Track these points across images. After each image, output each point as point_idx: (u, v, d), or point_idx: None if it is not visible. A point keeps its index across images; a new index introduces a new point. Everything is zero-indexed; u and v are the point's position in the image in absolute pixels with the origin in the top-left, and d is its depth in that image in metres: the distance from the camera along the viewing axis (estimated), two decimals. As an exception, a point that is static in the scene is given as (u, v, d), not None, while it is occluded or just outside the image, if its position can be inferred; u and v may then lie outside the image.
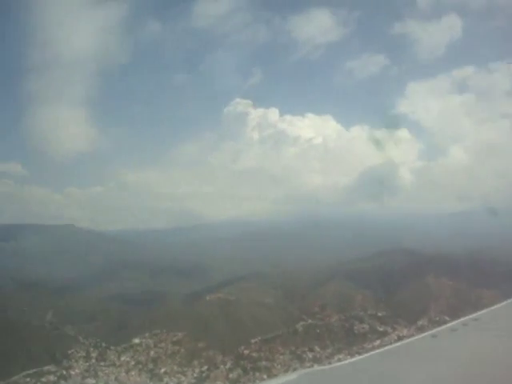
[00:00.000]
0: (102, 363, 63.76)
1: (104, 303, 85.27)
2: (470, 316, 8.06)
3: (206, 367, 63.33)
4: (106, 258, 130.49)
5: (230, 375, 62.13)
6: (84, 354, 65.31)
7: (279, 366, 63.35)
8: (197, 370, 62.79)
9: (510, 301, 9.53)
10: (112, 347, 66.29)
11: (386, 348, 6.60)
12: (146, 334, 69.01)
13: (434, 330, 7.26)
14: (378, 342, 61.20)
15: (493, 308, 9.00)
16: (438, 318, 64.25)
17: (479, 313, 8.50)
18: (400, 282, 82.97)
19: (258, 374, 61.03)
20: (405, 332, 63.63)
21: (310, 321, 74.09)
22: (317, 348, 67.41)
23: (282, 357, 65.77)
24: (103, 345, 67.70)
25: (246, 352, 66.21)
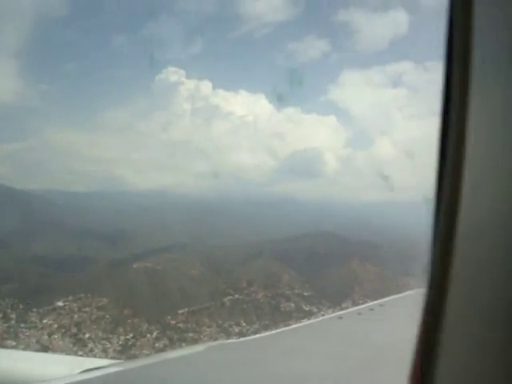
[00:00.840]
0: (23, 325, 61.19)
1: (22, 264, 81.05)
2: (377, 301, 8.34)
3: (131, 335, 62.50)
4: (25, 217, 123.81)
5: (156, 344, 61.77)
6: (1, 315, 62.24)
7: (206, 338, 63.68)
8: (122, 338, 61.77)
9: (415, 290, 9.97)
10: (34, 309, 63.56)
11: (295, 326, 6.89)
12: (70, 298, 66.73)
13: (342, 312, 7.53)
14: (304, 321, 63.01)
15: (399, 295, 9.40)
16: (361, 302, 66.86)
17: (386, 299, 8.79)
18: (325, 264, 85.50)
19: (184, 344, 60.79)
20: (330, 312, 65.59)
21: (236, 296, 74.93)
22: (243, 323, 68.53)
23: (208, 329, 66.35)
24: (20, 306, 64.75)
25: (173, 322, 66.09)
